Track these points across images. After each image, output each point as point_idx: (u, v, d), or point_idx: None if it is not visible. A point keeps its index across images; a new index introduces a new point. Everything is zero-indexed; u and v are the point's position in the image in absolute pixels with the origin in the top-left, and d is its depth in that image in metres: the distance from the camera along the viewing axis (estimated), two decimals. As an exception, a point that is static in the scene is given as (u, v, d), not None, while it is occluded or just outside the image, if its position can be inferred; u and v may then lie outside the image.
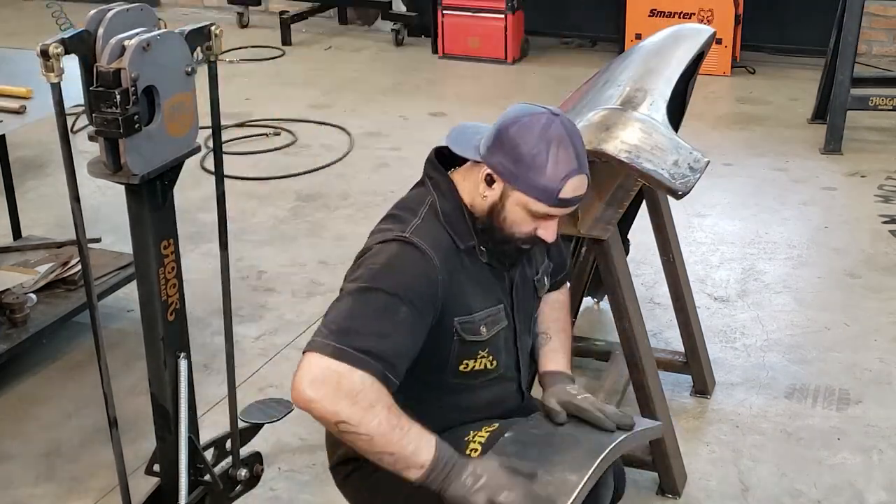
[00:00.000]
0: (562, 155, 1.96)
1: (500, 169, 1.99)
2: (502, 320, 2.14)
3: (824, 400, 3.39)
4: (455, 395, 2.15)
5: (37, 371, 3.61)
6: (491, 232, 2.06)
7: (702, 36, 2.99)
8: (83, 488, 3.03)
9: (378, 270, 1.96)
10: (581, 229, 2.71)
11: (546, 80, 6.67)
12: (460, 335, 2.06)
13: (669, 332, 3.67)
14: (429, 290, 1.98)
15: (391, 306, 1.92)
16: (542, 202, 1.99)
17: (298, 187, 5.13)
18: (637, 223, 3.54)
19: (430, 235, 2.02)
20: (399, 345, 1.92)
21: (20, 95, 3.37)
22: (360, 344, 1.87)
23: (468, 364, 2.11)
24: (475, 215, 2.07)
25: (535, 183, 1.97)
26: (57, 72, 2.03)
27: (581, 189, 2.01)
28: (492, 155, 2.00)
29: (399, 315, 1.92)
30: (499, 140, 2.00)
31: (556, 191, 1.97)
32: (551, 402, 2.15)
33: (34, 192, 5.01)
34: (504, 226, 2.04)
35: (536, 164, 1.96)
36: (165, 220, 2.31)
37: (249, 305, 4.01)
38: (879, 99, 5.38)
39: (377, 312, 1.92)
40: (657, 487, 2.97)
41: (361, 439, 1.86)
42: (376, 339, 1.89)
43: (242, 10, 8.10)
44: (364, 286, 1.94)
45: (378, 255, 1.99)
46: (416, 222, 2.04)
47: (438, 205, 2.07)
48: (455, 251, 2.05)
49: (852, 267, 4.25)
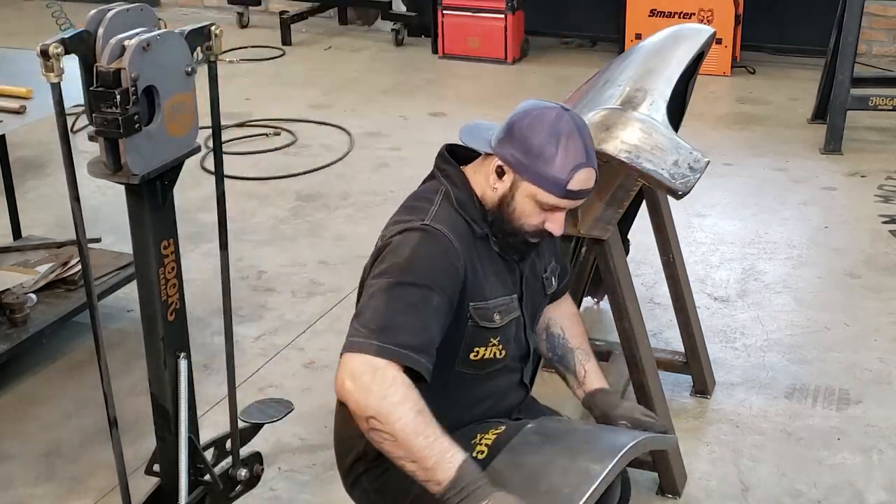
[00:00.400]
0: (571, 148, 2.01)
1: (510, 160, 2.04)
2: (515, 310, 2.17)
3: (824, 400, 3.39)
4: (461, 385, 2.16)
5: (37, 371, 3.61)
6: (500, 224, 2.09)
7: (702, 36, 2.99)
8: (83, 488, 3.03)
9: (405, 263, 1.98)
10: (581, 229, 2.72)
11: (546, 80, 6.67)
12: (475, 320, 2.09)
13: (669, 332, 3.67)
14: (455, 274, 2.01)
15: (424, 297, 1.95)
16: (551, 193, 2.02)
17: (298, 187, 5.13)
18: (637, 223, 3.55)
19: (448, 221, 2.05)
20: (436, 334, 1.96)
21: (20, 95, 3.37)
22: (402, 340, 1.90)
23: (478, 352, 2.13)
24: (486, 209, 2.10)
25: (545, 174, 2.01)
26: (57, 72, 2.03)
27: (589, 182, 2.05)
28: (503, 147, 2.05)
29: (432, 304, 1.96)
30: (510, 133, 2.04)
31: (564, 182, 2.01)
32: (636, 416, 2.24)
33: (34, 192, 5.01)
34: (513, 217, 2.07)
35: (546, 155, 2.00)
36: (165, 220, 2.31)
37: (249, 305, 4.01)
38: (879, 99, 5.38)
39: (412, 306, 1.94)
40: (657, 487, 2.97)
41: (387, 440, 1.86)
42: (415, 334, 1.92)
43: (242, 10, 8.10)
44: (395, 281, 1.96)
45: (402, 247, 2.01)
46: (434, 209, 2.07)
47: (452, 193, 2.11)
48: (472, 237, 2.09)
49: (852, 267, 4.25)
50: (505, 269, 2.16)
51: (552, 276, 2.30)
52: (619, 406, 2.28)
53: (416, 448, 1.85)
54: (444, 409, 2.09)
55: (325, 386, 3.37)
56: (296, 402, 3.24)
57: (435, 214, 2.05)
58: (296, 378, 3.55)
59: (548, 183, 2.01)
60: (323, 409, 3.24)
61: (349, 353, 1.90)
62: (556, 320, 2.41)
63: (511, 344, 2.18)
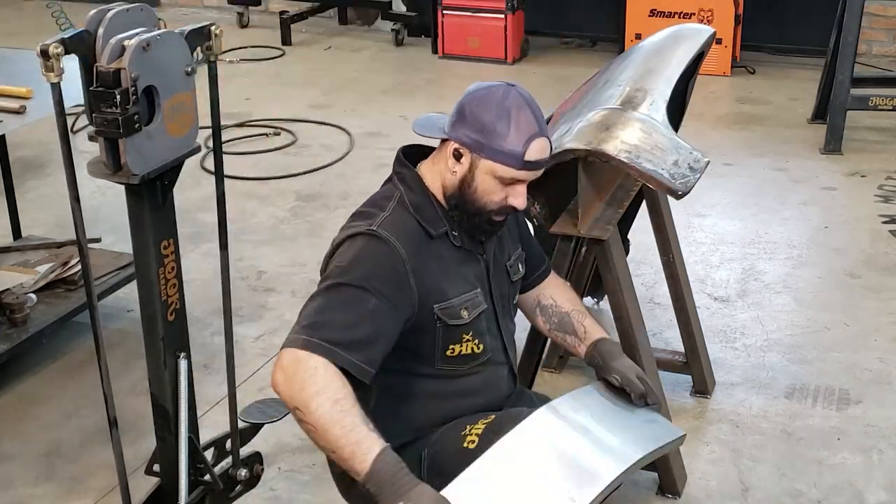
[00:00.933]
0: (522, 119, 2.07)
1: (465, 141, 2.09)
2: (481, 303, 2.20)
3: (824, 400, 3.39)
4: (445, 382, 2.18)
5: (37, 371, 3.61)
6: (463, 206, 2.13)
7: (702, 36, 2.99)
8: (83, 488, 3.03)
9: (345, 266, 2.05)
10: (581, 229, 2.72)
11: (546, 80, 6.66)
12: (443, 320, 2.12)
13: (669, 332, 3.67)
14: (396, 278, 2.05)
15: (359, 298, 2.00)
16: (509, 166, 2.07)
17: (298, 187, 5.13)
18: (637, 223, 3.55)
19: (398, 227, 2.10)
20: (370, 334, 1.99)
21: (20, 95, 3.37)
22: (328, 335, 1.95)
23: (454, 349, 2.17)
24: (446, 193, 2.14)
25: (501, 148, 2.06)
26: (57, 72, 2.03)
27: (545, 152, 2.10)
28: (456, 130, 2.11)
29: (368, 305, 2.00)
30: (461, 115, 2.11)
31: (521, 154, 2.06)
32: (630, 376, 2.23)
33: (34, 192, 5.01)
34: (476, 197, 2.11)
35: (499, 130, 2.06)
36: (165, 220, 2.31)
37: (249, 305, 4.01)
38: (879, 99, 5.38)
39: (345, 305, 2.00)
40: (657, 487, 2.97)
41: (311, 431, 1.91)
42: (343, 330, 1.97)
43: (242, 10, 8.10)
44: (333, 283, 2.04)
45: (345, 252, 2.08)
46: (384, 215, 2.12)
47: (406, 197, 2.15)
48: (426, 240, 2.12)
49: (852, 267, 4.25)
50: (468, 264, 2.19)
51: (517, 262, 2.34)
52: (619, 359, 2.29)
53: (333, 438, 1.88)
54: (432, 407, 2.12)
55: (325, 386, 3.36)
56: (296, 402, 3.24)
57: (383, 220, 2.10)
58: (296, 378, 3.54)
59: (505, 156, 2.06)
60: (323, 409, 3.24)
61: (282, 350, 1.97)
62: (546, 293, 2.45)
63: (486, 337, 2.21)
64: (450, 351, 2.16)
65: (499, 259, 2.28)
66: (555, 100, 3.41)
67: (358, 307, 2.00)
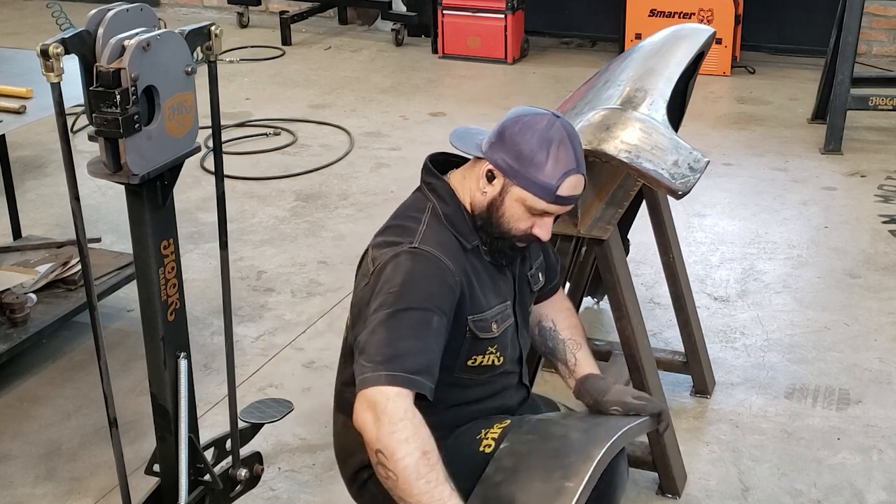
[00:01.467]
0: (562, 154, 2.03)
1: (501, 165, 2.06)
2: (510, 317, 2.19)
3: (824, 400, 3.39)
4: (460, 389, 2.18)
5: (37, 371, 3.61)
6: (488, 228, 2.11)
7: (702, 36, 2.99)
8: (83, 488, 3.03)
9: (400, 290, 2.00)
10: (581, 229, 2.72)
11: (546, 80, 6.67)
12: (473, 332, 2.11)
13: (669, 332, 3.67)
14: (451, 293, 2.04)
15: (424, 320, 1.98)
16: (540, 198, 2.05)
17: (298, 187, 5.13)
18: (637, 223, 3.55)
19: (438, 240, 2.07)
20: (437, 353, 1.98)
21: (20, 95, 3.37)
22: (408, 365, 1.92)
23: (476, 359, 2.15)
24: (474, 212, 2.12)
25: (535, 179, 2.03)
26: (57, 72, 2.03)
27: (578, 189, 2.08)
28: (494, 152, 2.07)
29: (433, 325, 1.98)
30: (501, 138, 2.06)
31: (554, 188, 2.04)
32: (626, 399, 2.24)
33: (34, 192, 5.01)
34: (502, 221, 2.09)
35: (537, 161, 2.03)
36: (165, 220, 2.30)
37: (249, 305, 4.01)
38: (879, 99, 5.38)
39: (413, 330, 1.96)
40: (657, 487, 2.97)
41: (391, 478, 1.87)
42: (420, 356, 1.94)
43: (242, 10, 8.10)
44: (392, 311, 1.98)
45: (395, 275, 2.02)
46: (422, 230, 2.08)
47: (440, 209, 2.12)
48: (462, 252, 2.10)
49: (852, 267, 4.25)
50: (498, 276, 2.18)
51: (538, 271, 2.33)
52: (609, 391, 2.27)
53: (416, 491, 1.85)
54: (444, 410, 2.11)
55: (325, 386, 3.36)
56: (296, 402, 3.24)
57: (423, 235, 2.07)
58: (296, 378, 3.55)
59: (538, 188, 2.04)
60: (323, 409, 3.24)
61: (363, 390, 1.92)
62: (549, 315, 2.43)
63: (507, 349, 2.20)
64: (471, 361, 2.15)
65: (522, 270, 2.27)
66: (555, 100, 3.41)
67: (426, 329, 1.97)
